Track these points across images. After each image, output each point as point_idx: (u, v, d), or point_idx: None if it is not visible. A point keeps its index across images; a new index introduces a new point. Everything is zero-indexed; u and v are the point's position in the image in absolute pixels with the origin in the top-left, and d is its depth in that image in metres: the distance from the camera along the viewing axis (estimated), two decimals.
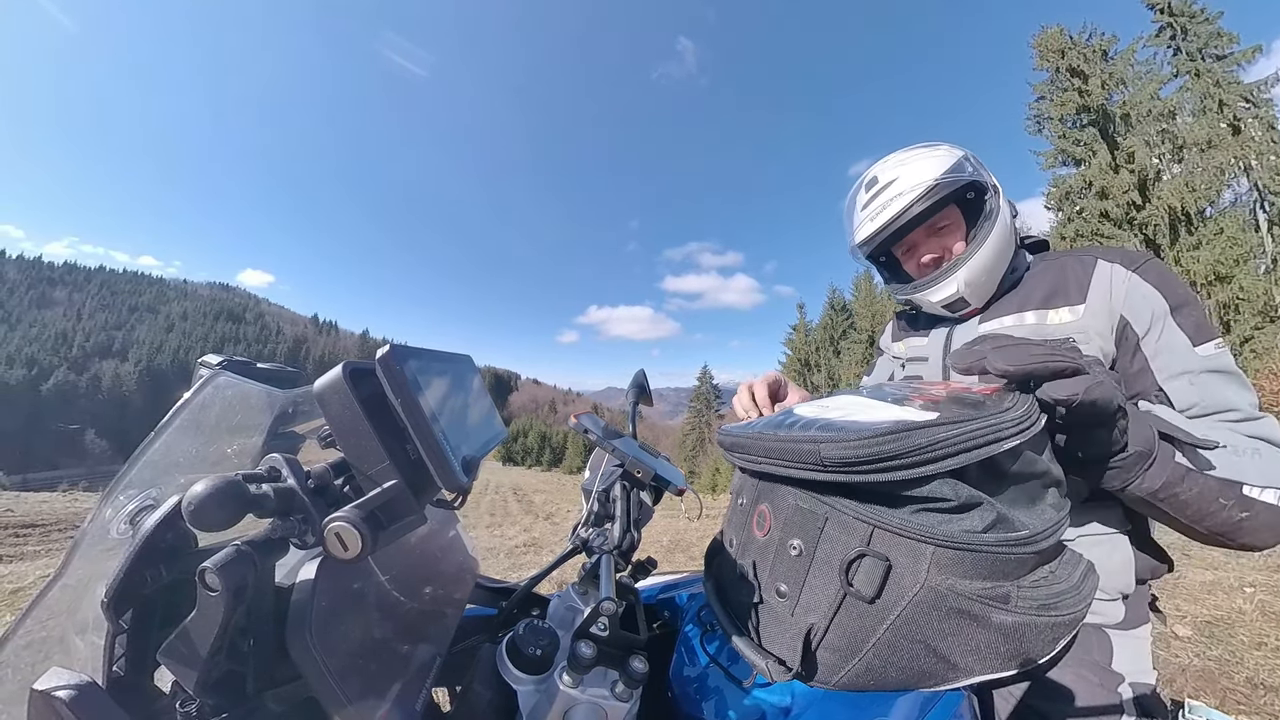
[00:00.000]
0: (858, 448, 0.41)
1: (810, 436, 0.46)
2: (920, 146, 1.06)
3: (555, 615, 0.76)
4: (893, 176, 1.02)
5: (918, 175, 0.99)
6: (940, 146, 1.04)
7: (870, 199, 1.05)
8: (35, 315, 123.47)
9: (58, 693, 0.37)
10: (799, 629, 0.48)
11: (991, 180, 1.01)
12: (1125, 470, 0.60)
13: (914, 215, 0.98)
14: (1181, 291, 0.86)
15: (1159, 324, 0.84)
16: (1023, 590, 0.42)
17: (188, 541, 0.46)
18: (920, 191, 0.97)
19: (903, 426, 0.41)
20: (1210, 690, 2.38)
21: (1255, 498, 0.66)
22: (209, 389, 0.57)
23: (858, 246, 1.11)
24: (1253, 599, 3.30)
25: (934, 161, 1.00)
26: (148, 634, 0.44)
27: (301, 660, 0.42)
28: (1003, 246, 0.98)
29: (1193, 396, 0.80)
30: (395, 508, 0.40)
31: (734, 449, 0.57)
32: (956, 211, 1.03)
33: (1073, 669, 0.88)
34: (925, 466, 0.40)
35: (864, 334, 32.19)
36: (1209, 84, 17.60)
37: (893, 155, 1.07)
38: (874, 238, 1.05)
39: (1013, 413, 0.42)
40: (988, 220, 0.98)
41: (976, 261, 0.97)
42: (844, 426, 0.45)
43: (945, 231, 1.03)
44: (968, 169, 0.99)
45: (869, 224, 1.04)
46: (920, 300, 1.06)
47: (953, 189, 0.97)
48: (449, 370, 0.49)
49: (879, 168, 1.06)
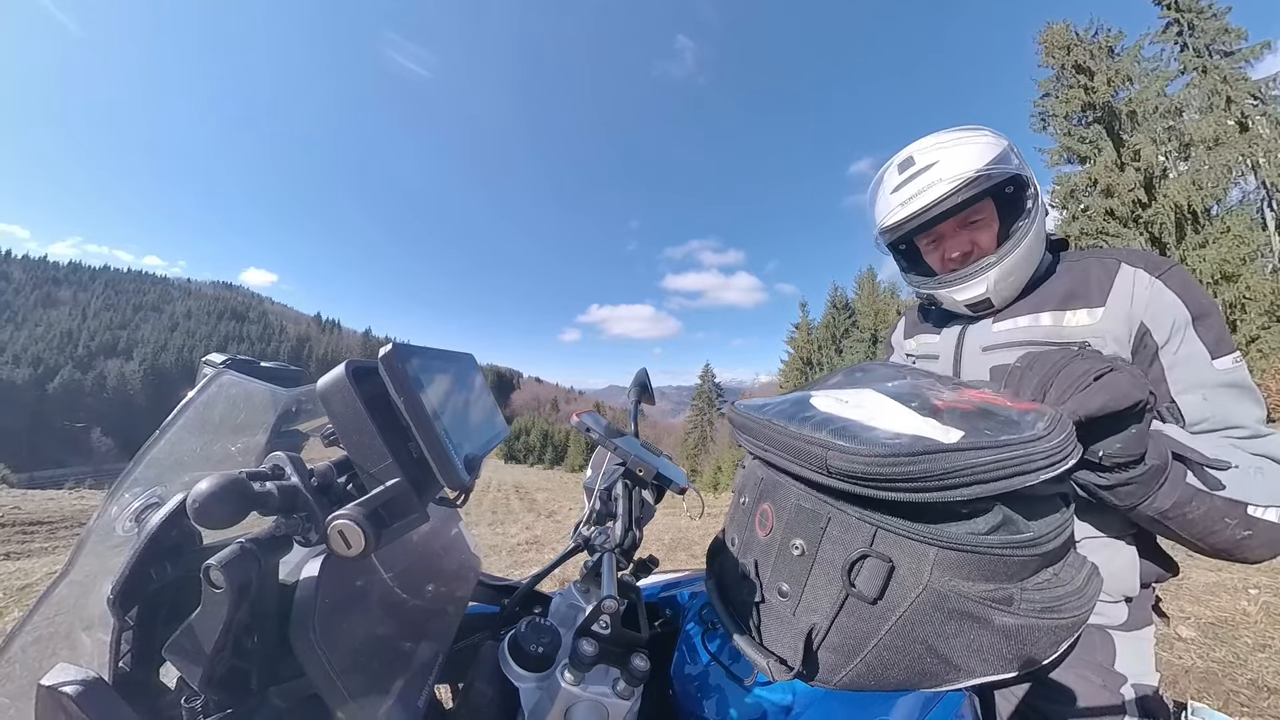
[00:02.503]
0: (868, 463, 0.40)
1: (820, 439, 0.45)
2: (963, 129, 0.97)
3: (557, 613, 0.76)
4: (931, 160, 0.93)
5: (960, 163, 0.91)
6: (984, 131, 0.96)
7: (903, 181, 0.96)
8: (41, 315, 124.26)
9: (65, 688, 0.37)
10: (800, 629, 0.48)
11: (1033, 178, 0.94)
12: (1141, 486, 0.60)
13: (951, 206, 0.91)
14: (1204, 301, 0.83)
15: (1179, 334, 0.81)
16: (1026, 593, 0.41)
17: (192, 539, 0.47)
18: (961, 181, 0.89)
19: (925, 447, 0.39)
20: (1213, 692, 2.37)
21: (1259, 517, 0.66)
22: (213, 388, 0.57)
23: (882, 233, 1.03)
24: (1257, 600, 3.28)
25: (978, 149, 0.92)
26: (153, 630, 0.44)
27: (305, 657, 0.42)
28: (1035, 249, 0.93)
29: (1204, 411, 0.78)
30: (398, 506, 0.41)
31: (743, 429, 0.57)
32: (991, 206, 0.96)
33: (1075, 669, 0.87)
34: (944, 492, 0.38)
35: (866, 332, 32.10)
36: (1216, 81, 17.44)
37: (931, 136, 0.98)
38: (903, 225, 0.97)
39: (1046, 442, 0.40)
40: (1025, 219, 0.92)
41: (1009, 263, 0.91)
42: (857, 433, 0.43)
43: (977, 226, 0.96)
44: (1013, 161, 0.92)
45: (899, 209, 0.96)
46: (943, 297, 1.00)
47: (995, 182, 0.90)
48: (451, 369, 0.49)
49: (915, 148, 0.97)
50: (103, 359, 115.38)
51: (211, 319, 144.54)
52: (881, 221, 1.02)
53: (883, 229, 1.02)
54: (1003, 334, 0.96)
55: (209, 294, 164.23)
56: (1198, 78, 17.83)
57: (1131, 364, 0.59)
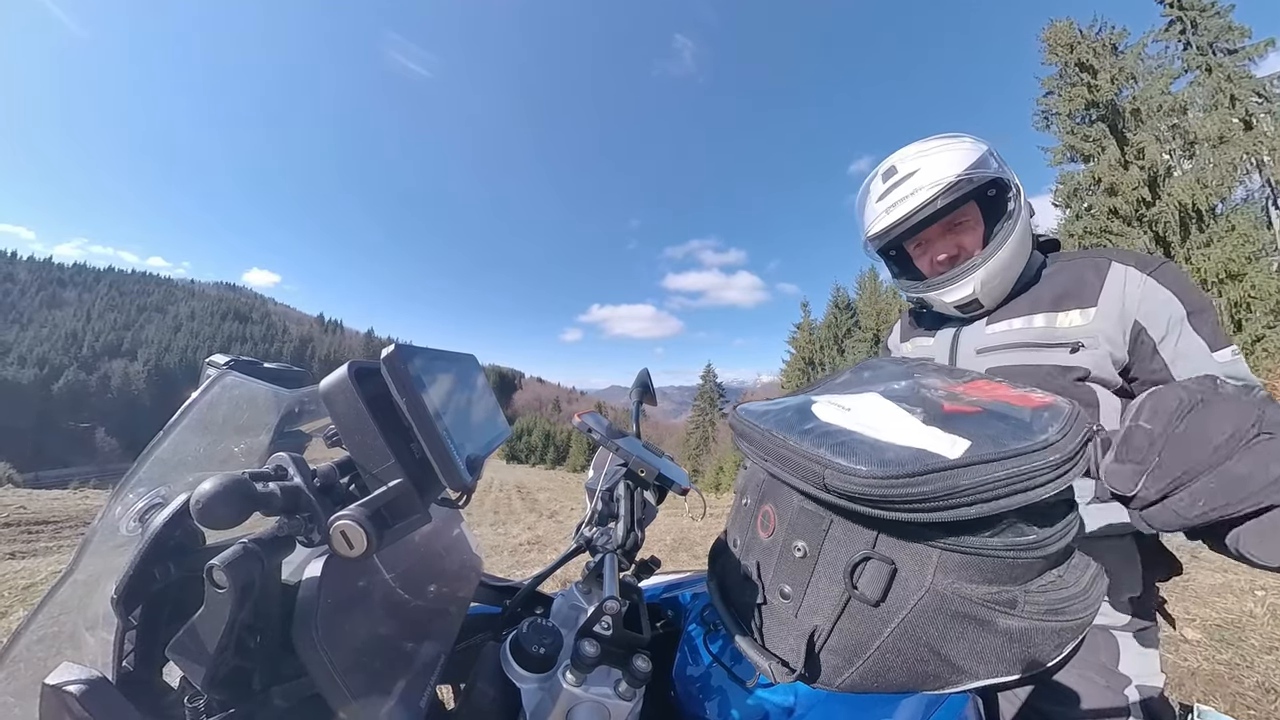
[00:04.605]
0: (865, 484, 0.39)
1: (818, 457, 0.44)
2: (943, 137, 1.00)
3: (559, 614, 0.76)
4: (913, 168, 0.97)
5: (940, 169, 0.94)
6: (964, 139, 0.99)
7: (887, 190, 0.99)
8: (46, 315, 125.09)
9: (69, 687, 0.37)
10: (802, 630, 0.47)
11: (1014, 179, 0.97)
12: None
13: (934, 211, 0.94)
14: (1197, 297, 0.84)
15: (1176, 330, 0.82)
16: (1030, 595, 0.41)
17: (196, 539, 0.47)
18: (942, 186, 0.93)
19: (927, 466, 0.37)
20: (1219, 695, 2.35)
21: None
22: (216, 388, 0.57)
23: (870, 240, 1.06)
24: (1264, 602, 3.26)
25: (958, 155, 0.95)
26: (156, 630, 0.44)
27: (307, 657, 0.42)
28: (1020, 248, 0.94)
29: None
30: (400, 506, 0.41)
31: (744, 437, 0.56)
32: (975, 209, 0.99)
33: (1079, 671, 0.87)
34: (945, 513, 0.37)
35: (869, 332, 32.03)
36: (1220, 79, 17.34)
37: (913, 145, 1.01)
38: (889, 231, 1.00)
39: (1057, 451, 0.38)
40: (1009, 220, 0.94)
41: (994, 263, 0.93)
42: (856, 449, 0.42)
43: (962, 229, 0.99)
44: (992, 165, 0.95)
45: (885, 217, 0.99)
46: (933, 300, 1.03)
47: (976, 186, 0.93)
48: (453, 369, 0.49)
49: (898, 157, 1.01)
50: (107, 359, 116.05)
51: (215, 320, 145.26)
52: (869, 229, 1.05)
53: (870, 236, 1.05)
54: (996, 336, 0.97)
55: (212, 295, 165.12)
56: (1201, 75, 17.73)
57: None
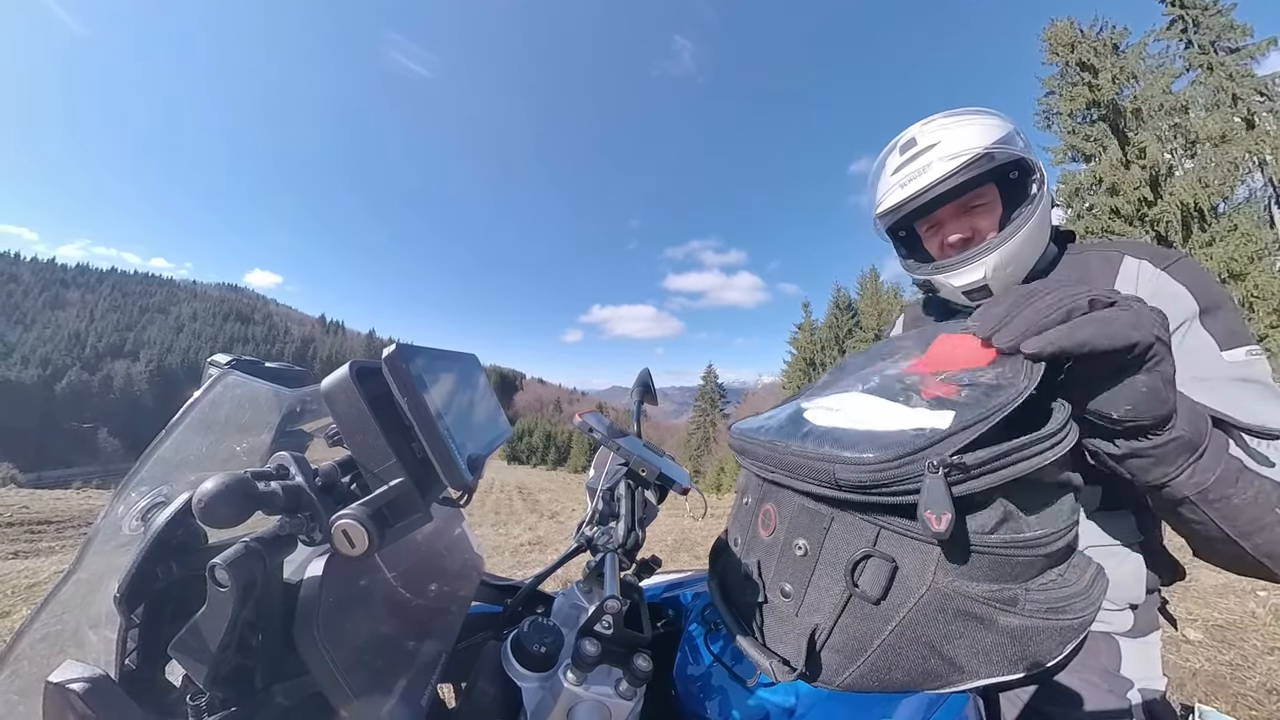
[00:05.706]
0: (875, 470, 0.39)
1: (824, 455, 0.44)
2: (968, 110, 0.93)
3: (560, 613, 0.77)
4: (934, 140, 0.89)
5: (964, 141, 0.87)
6: (991, 113, 0.92)
7: (904, 162, 0.92)
8: (49, 316, 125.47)
9: (72, 685, 0.37)
10: (803, 629, 0.47)
11: (1038, 163, 0.90)
12: (1160, 464, 0.50)
13: (952, 186, 0.87)
14: (1214, 293, 0.77)
15: (1184, 327, 0.76)
16: (1031, 593, 0.41)
17: (198, 538, 0.47)
18: (965, 160, 0.85)
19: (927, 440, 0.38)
20: (1222, 696, 2.35)
21: None
22: (218, 388, 0.58)
23: (880, 216, 0.99)
24: (1265, 603, 3.25)
25: (984, 129, 0.88)
26: (159, 628, 0.44)
27: (309, 655, 0.42)
28: (1038, 237, 0.89)
29: (1210, 404, 0.68)
30: (401, 505, 0.41)
31: (744, 453, 0.56)
32: (995, 191, 0.91)
33: (1080, 673, 0.86)
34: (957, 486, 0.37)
35: (870, 333, 31.99)
36: (1222, 78, 17.30)
37: (936, 116, 0.93)
38: (901, 206, 0.92)
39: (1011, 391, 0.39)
40: (1028, 205, 0.87)
41: (1009, 248, 0.86)
42: (856, 441, 0.43)
43: (979, 211, 0.92)
44: (1018, 144, 0.89)
45: (899, 191, 0.92)
46: (940, 283, 0.96)
47: (998, 164, 0.87)
48: (454, 369, 0.50)
49: (918, 129, 0.93)
50: (110, 360, 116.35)
51: (217, 320, 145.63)
52: (881, 204, 0.98)
53: (881, 212, 0.98)
54: None
55: (214, 295, 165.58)
56: (1203, 74, 17.69)
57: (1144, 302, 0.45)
